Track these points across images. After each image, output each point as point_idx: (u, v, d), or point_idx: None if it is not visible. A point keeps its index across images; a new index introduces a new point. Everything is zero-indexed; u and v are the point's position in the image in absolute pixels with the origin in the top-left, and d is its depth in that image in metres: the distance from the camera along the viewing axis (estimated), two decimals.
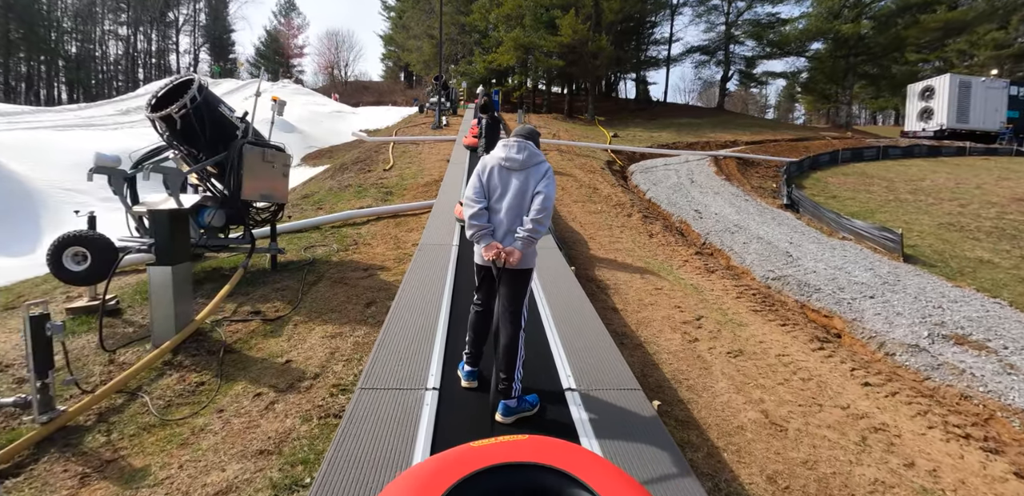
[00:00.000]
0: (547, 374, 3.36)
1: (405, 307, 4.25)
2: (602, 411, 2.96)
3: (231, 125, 6.09)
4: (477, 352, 3.13)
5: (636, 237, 9.20)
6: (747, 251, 9.55)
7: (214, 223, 5.94)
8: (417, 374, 3.27)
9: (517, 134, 2.92)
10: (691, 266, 7.89)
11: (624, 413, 2.96)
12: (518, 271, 2.79)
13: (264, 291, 5.74)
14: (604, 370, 3.43)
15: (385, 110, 40.58)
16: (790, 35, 33.02)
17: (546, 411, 2.94)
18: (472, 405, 2.98)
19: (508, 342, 2.80)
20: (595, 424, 2.81)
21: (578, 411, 2.94)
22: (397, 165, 14.51)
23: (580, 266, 7.07)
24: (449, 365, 3.37)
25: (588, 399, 3.07)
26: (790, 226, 11.26)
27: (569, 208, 10.68)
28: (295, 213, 10.02)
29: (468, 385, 3.15)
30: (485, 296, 3.02)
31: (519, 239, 2.69)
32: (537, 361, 3.45)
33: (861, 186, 17.09)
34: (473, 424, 2.78)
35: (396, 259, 6.81)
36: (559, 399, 3.08)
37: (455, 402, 3.00)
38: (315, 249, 7.30)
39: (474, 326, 3.06)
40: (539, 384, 3.18)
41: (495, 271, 2.72)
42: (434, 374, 3.26)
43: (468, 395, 3.10)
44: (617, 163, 19.51)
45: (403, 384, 3.14)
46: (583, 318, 4.27)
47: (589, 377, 3.33)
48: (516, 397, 2.83)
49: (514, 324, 2.82)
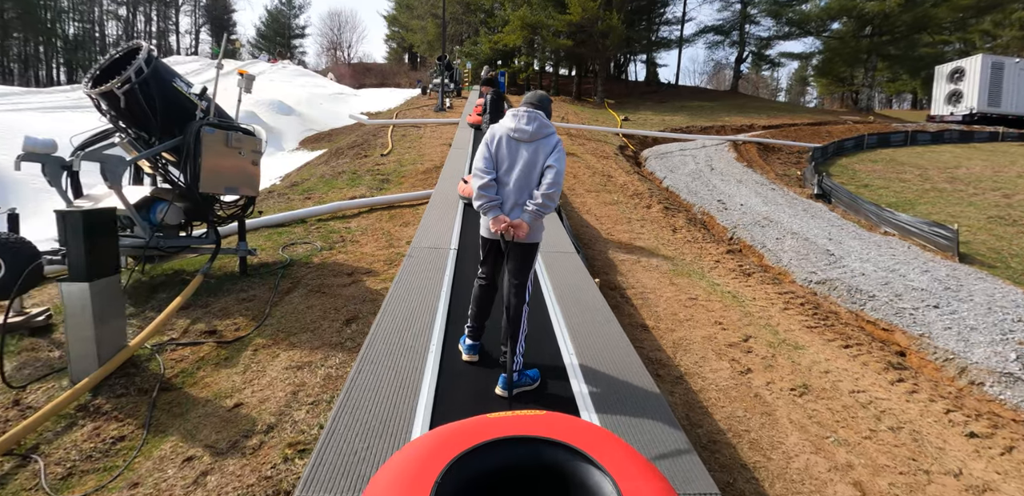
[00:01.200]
0: (549, 349, 3.36)
1: (379, 352, 3.19)
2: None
3: (189, 103, 5.10)
4: (480, 326, 3.10)
5: (659, 232, 8.22)
6: (782, 248, 8.57)
7: (168, 220, 5.00)
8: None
9: (527, 102, 2.82)
10: (724, 268, 6.93)
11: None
12: (525, 245, 2.78)
13: (227, 302, 4.83)
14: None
15: (388, 92, 39.30)
16: (811, 13, 31.34)
17: (547, 386, 2.92)
18: (473, 378, 2.95)
19: (512, 315, 2.75)
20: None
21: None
22: (396, 150, 13.50)
23: (600, 269, 6.12)
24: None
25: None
26: (825, 219, 10.23)
27: (582, 198, 9.68)
28: (282, 203, 9.09)
29: (469, 358, 3.12)
30: (490, 270, 2.98)
31: (527, 212, 2.64)
32: (539, 336, 3.44)
33: (892, 174, 15.95)
34: (473, 398, 2.76)
35: (387, 261, 5.88)
36: (560, 374, 3.07)
37: (455, 376, 2.97)
38: (295, 248, 6.37)
39: (478, 300, 3.02)
40: (541, 358, 3.17)
41: (502, 244, 2.71)
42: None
43: (468, 368, 3.07)
44: (629, 148, 18.41)
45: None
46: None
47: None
48: (517, 371, 2.79)
49: (519, 297, 2.80)
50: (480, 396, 2.76)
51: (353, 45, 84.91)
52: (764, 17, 36.00)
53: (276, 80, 36.34)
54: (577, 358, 3.22)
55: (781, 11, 32.60)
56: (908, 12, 27.14)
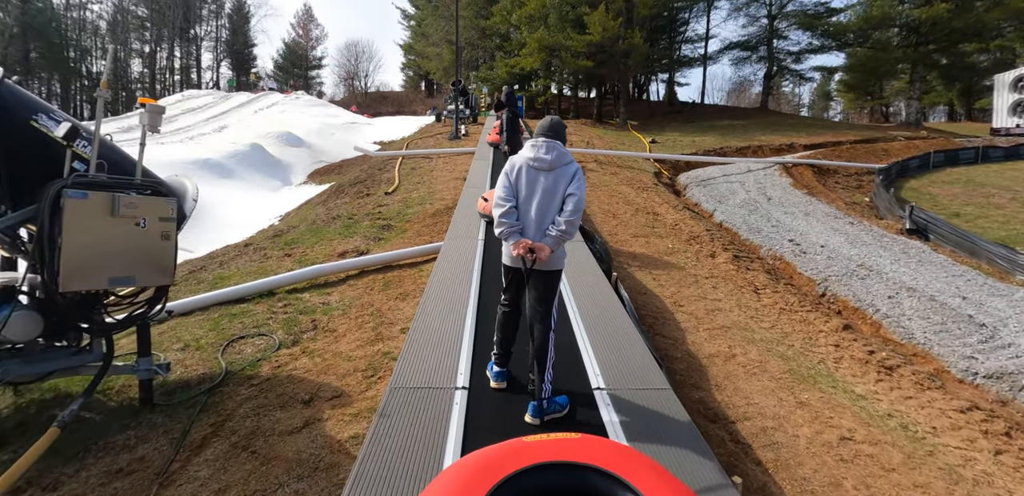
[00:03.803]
0: (576, 375, 3.22)
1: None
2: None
3: (59, 151, 3.35)
4: (506, 353, 3.02)
5: (740, 297, 6.19)
6: (901, 312, 6.45)
7: (12, 335, 3.18)
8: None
9: (542, 132, 2.83)
10: (853, 358, 4.85)
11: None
12: (547, 272, 2.75)
13: (96, 469, 2.96)
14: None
15: (402, 120, 38.28)
16: (850, 24, 29.36)
17: (576, 412, 2.82)
18: (502, 405, 2.87)
19: (538, 343, 2.71)
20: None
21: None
22: (403, 186, 11.79)
23: (683, 376, 4.11)
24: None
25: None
26: (937, 265, 8.06)
27: (630, 246, 7.72)
28: (254, 262, 7.33)
29: (497, 386, 3.03)
30: (513, 296, 2.95)
31: (549, 237, 2.64)
32: (566, 362, 3.28)
33: (979, 198, 13.67)
34: (503, 424, 2.68)
35: (366, 371, 3.97)
36: (588, 400, 2.94)
37: (483, 403, 2.88)
38: (243, 345, 4.52)
39: (502, 326, 2.98)
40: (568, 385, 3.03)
41: (524, 270, 2.68)
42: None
43: (497, 395, 2.97)
44: (664, 174, 16.50)
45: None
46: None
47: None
48: (546, 398, 2.72)
49: (544, 324, 2.75)
50: (510, 424, 2.68)
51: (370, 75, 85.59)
52: (794, 30, 34.14)
53: (288, 111, 35.58)
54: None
55: (815, 23, 30.70)
56: (958, 18, 24.99)
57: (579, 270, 5.10)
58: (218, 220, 14.11)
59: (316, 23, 66.87)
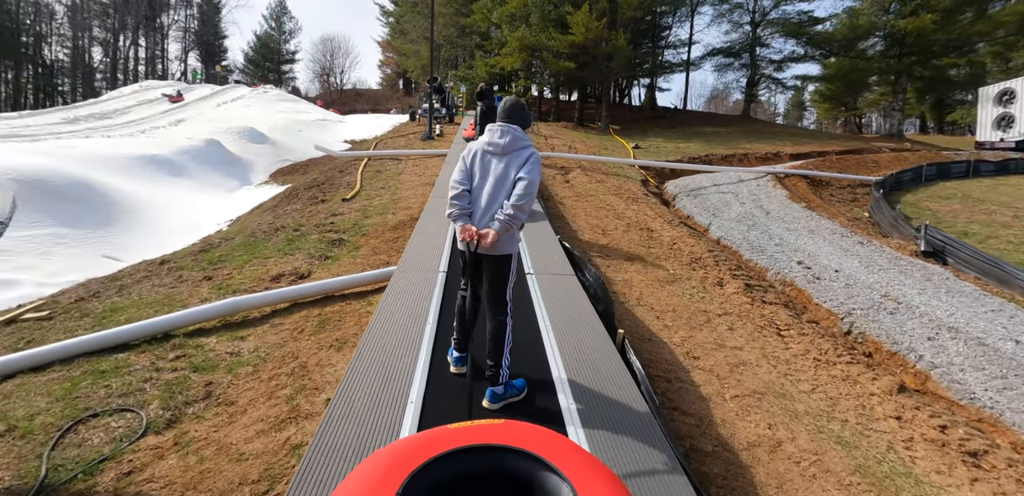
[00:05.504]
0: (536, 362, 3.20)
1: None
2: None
3: None
4: (465, 337, 3.02)
5: (764, 343, 5.03)
6: (948, 360, 5.39)
7: None
8: None
9: (500, 115, 2.77)
10: (924, 437, 3.72)
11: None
12: (497, 257, 2.69)
13: None
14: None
15: (375, 118, 36.68)
16: (835, 33, 28.93)
17: (535, 398, 2.81)
18: (461, 390, 2.78)
19: (494, 329, 2.74)
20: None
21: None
22: (364, 191, 10.41)
23: (719, 485, 2.90)
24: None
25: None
26: (969, 296, 7.08)
27: (625, 274, 6.51)
28: (163, 287, 5.90)
29: (457, 371, 3.04)
30: (470, 281, 2.86)
31: (496, 221, 2.56)
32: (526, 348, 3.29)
33: (981, 215, 12.94)
34: (462, 410, 2.55)
35: (258, 484, 2.65)
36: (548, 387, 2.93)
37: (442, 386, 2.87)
38: (92, 428, 3.15)
39: (461, 310, 2.98)
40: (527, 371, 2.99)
41: (469, 255, 2.63)
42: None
43: (456, 380, 2.95)
44: (651, 182, 15.45)
45: None
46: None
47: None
48: (503, 383, 2.73)
49: (498, 310, 2.75)
50: (468, 408, 2.51)
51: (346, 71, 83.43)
52: (777, 38, 33.74)
53: (254, 105, 33.68)
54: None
55: (799, 31, 30.24)
56: (943, 29, 24.70)
57: (572, 320, 3.90)
58: (157, 224, 12.47)
59: (289, 16, 64.48)
